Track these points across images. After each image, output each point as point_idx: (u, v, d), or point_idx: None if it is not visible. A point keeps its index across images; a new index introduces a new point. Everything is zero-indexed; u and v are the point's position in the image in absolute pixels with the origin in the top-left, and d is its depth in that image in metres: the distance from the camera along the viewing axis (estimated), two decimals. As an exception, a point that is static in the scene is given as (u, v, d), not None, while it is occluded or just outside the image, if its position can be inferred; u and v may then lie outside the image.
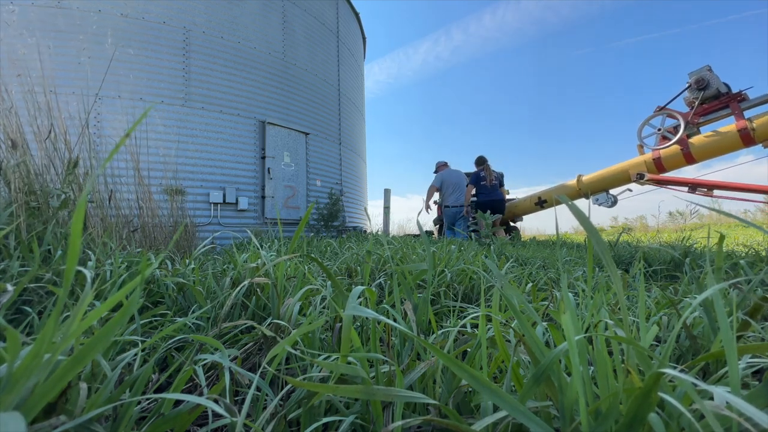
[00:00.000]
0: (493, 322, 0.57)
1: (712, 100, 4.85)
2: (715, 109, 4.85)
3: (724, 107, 4.78)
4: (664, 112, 5.20)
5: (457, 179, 6.25)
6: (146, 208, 2.20)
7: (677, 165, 5.14)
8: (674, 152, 5.06)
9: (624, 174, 5.64)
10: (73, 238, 0.35)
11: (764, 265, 1.55)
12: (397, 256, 1.82)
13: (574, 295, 1.28)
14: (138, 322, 0.82)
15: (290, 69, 6.61)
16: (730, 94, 4.74)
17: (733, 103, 4.69)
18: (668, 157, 5.13)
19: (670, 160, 5.13)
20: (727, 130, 4.69)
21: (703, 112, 4.90)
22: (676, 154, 5.05)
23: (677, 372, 0.36)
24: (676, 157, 5.06)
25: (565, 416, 0.43)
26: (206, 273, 1.35)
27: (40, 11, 4.74)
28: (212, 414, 0.64)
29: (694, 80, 4.82)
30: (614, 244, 2.81)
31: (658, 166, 5.27)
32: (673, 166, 5.18)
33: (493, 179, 5.95)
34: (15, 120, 1.65)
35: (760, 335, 0.76)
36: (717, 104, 4.82)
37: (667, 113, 5.17)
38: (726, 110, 4.77)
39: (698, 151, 4.90)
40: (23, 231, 1.32)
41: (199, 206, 5.23)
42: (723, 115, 4.82)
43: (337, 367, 0.51)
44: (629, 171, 5.53)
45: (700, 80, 4.76)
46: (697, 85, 4.79)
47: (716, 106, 4.83)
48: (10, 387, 0.35)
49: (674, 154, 5.07)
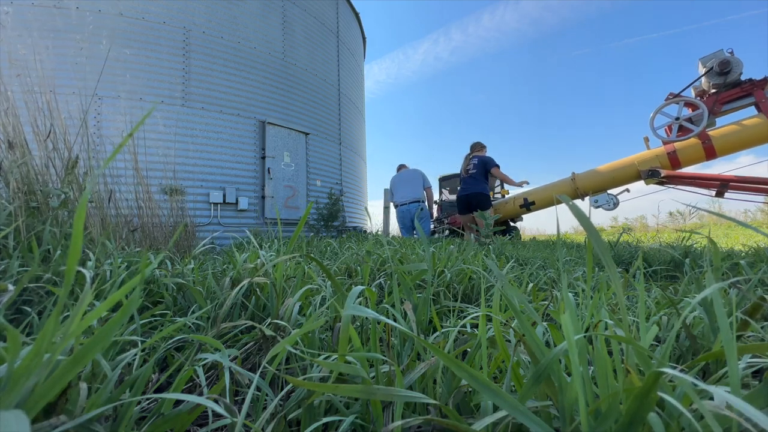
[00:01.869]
0: (493, 322, 0.57)
1: (732, 88, 4.25)
2: (736, 97, 4.25)
3: (746, 95, 4.21)
4: (680, 99, 4.47)
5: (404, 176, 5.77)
6: (146, 208, 2.20)
7: (695, 160, 4.53)
8: (692, 145, 4.41)
9: (630, 170, 4.87)
10: (75, 238, 0.35)
11: (764, 265, 1.55)
12: (397, 257, 1.82)
13: (574, 295, 1.28)
14: (138, 322, 0.82)
15: (290, 69, 6.60)
16: (753, 80, 4.16)
17: (759, 90, 4.12)
18: (685, 151, 4.46)
19: (687, 154, 4.46)
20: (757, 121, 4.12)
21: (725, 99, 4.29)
22: (694, 147, 4.39)
23: (677, 372, 0.36)
24: (695, 150, 4.39)
25: (565, 416, 0.43)
26: (206, 273, 1.35)
27: (39, 11, 4.73)
28: (212, 414, 0.64)
29: (717, 63, 4.18)
30: (614, 244, 2.81)
31: (673, 161, 4.61)
32: (691, 161, 4.53)
33: (470, 168, 5.04)
34: (13, 120, 1.65)
35: (759, 335, 0.76)
36: (739, 92, 4.22)
37: (684, 101, 4.44)
38: (749, 99, 4.21)
39: (722, 143, 4.26)
40: (23, 231, 1.31)
41: (199, 206, 5.23)
42: (744, 104, 4.26)
43: (337, 367, 0.51)
44: (637, 167, 4.77)
45: (725, 63, 4.13)
46: (720, 68, 4.16)
47: (737, 94, 4.23)
48: (10, 387, 0.35)
49: (692, 148, 4.40)
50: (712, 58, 4.33)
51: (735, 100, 4.30)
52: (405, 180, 5.80)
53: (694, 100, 4.43)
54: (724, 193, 4.36)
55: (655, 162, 4.75)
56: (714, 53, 4.35)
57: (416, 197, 5.62)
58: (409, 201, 5.61)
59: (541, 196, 5.66)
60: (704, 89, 4.52)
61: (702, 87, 4.52)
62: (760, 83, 4.17)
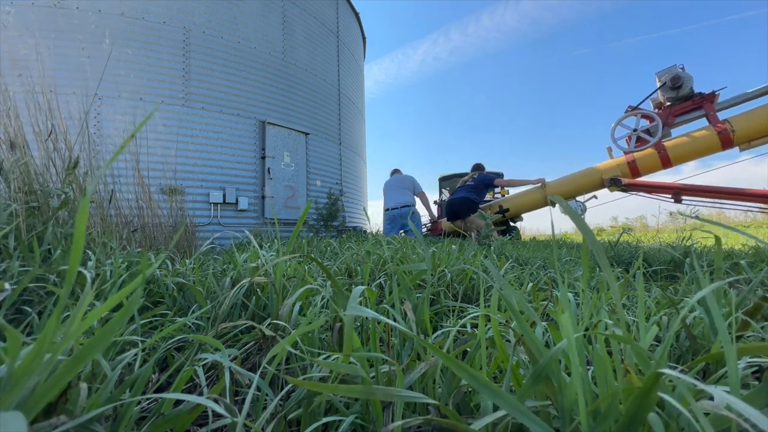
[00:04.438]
0: (492, 322, 0.58)
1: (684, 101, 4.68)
2: (688, 110, 4.66)
3: (697, 108, 4.61)
4: (637, 112, 4.91)
5: (395, 182, 5.95)
6: (146, 208, 2.20)
7: (653, 169, 4.93)
8: (650, 155, 4.83)
9: (594, 178, 5.24)
10: (77, 239, 0.35)
11: (764, 265, 1.55)
12: (397, 257, 1.82)
13: (574, 295, 1.28)
14: (138, 322, 0.82)
15: (290, 69, 6.61)
16: (703, 94, 4.58)
17: (708, 104, 4.55)
18: (644, 160, 4.87)
19: (645, 163, 4.88)
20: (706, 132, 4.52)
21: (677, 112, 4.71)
22: (652, 156, 4.81)
23: (676, 372, 0.36)
24: (653, 160, 4.81)
25: (565, 416, 0.43)
26: (206, 273, 1.35)
27: (40, 11, 4.74)
28: (212, 414, 0.64)
29: (669, 78, 4.60)
30: (614, 244, 2.81)
31: (633, 170, 5.00)
32: (649, 169, 4.94)
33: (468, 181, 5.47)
34: (14, 120, 1.65)
35: (760, 335, 0.76)
36: (690, 105, 4.63)
37: (641, 113, 4.88)
38: (699, 111, 4.60)
39: (675, 153, 4.69)
40: (23, 231, 1.32)
41: (199, 206, 5.23)
42: (695, 116, 4.66)
43: (337, 367, 0.51)
44: (601, 175, 5.16)
45: (676, 78, 4.57)
46: (672, 83, 4.59)
47: (689, 107, 4.64)
48: (10, 387, 0.35)
49: (650, 157, 4.83)
50: (665, 73, 4.68)
51: (687, 112, 4.67)
52: (396, 185, 5.92)
53: (650, 113, 4.81)
54: (681, 200, 4.73)
55: (617, 171, 5.09)
56: (668, 68, 4.68)
57: (406, 202, 5.74)
58: (399, 206, 5.74)
59: (514, 203, 5.99)
60: (661, 101, 4.89)
61: (659, 99, 4.89)
62: (709, 97, 4.54)
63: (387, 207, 5.90)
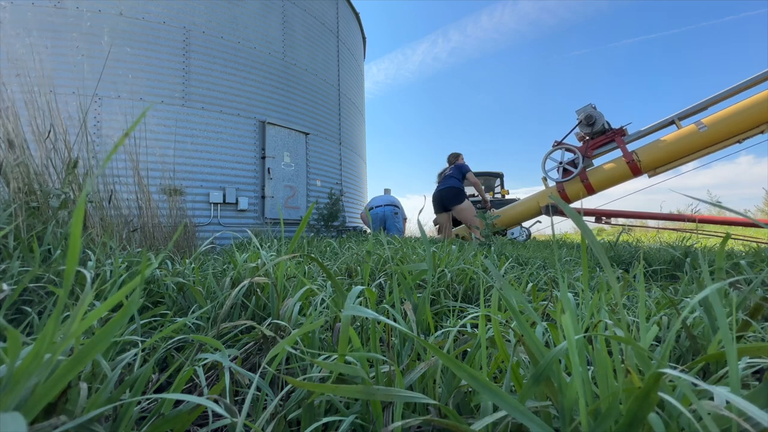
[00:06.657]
0: (492, 322, 0.57)
1: (600, 135, 5.41)
2: (603, 143, 5.39)
3: (610, 141, 5.35)
4: (562, 146, 5.62)
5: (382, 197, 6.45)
6: (146, 208, 2.20)
7: (581, 195, 5.56)
8: (576, 183, 5.51)
9: (534, 207, 5.91)
10: (73, 239, 0.35)
11: (765, 265, 1.56)
12: (397, 256, 1.82)
13: (575, 295, 1.28)
14: (138, 322, 0.82)
15: (290, 69, 6.60)
16: (613, 129, 5.33)
17: (618, 137, 5.28)
18: (571, 189, 5.55)
19: (573, 191, 5.55)
20: (617, 164, 5.25)
21: (594, 145, 5.44)
22: (578, 185, 5.50)
23: (677, 372, 0.36)
24: (579, 188, 5.50)
25: (565, 416, 0.43)
26: (206, 273, 1.35)
27: (39, 11, 4.73)
28: (212, 414, 0.64)
29: (583, 117, 5.35)
30: (614, 244, 2.81)
31: (564, 198, 5.57)
32: (577, 196, 5.57)
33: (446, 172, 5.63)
34: (13, 120, 1.65)
35: (760, 335, 0.76)
36: (604, 138, 5.37)
37: (565, 147, 5.60)
38: (612, 144, 5.34)
39: (596, 181, 5.40)
40: (23, 231, 1.32)
41: (199, 206, 5.22)
42: (611, 148, 5.39)
43: (337, 367, 0.51)
44: (539, 203, 5.87)
45: (589, 116, 5.32)
46: (586, 121, 5.34)
47: (603, 141, 5.38)
48: (10, 387, 0.35)
49: (577, 185, 5.51)
50: (582, 112, 5.43)
51: (603, 145, 5.42)
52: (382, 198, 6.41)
53: (572, 147, 5.57)
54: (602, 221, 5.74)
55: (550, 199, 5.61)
56: (584, 107, 5.43)
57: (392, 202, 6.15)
58: (384, 204, 6.13)
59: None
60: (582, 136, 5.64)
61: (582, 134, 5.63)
62: (619, 131, 5.30)
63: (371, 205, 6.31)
